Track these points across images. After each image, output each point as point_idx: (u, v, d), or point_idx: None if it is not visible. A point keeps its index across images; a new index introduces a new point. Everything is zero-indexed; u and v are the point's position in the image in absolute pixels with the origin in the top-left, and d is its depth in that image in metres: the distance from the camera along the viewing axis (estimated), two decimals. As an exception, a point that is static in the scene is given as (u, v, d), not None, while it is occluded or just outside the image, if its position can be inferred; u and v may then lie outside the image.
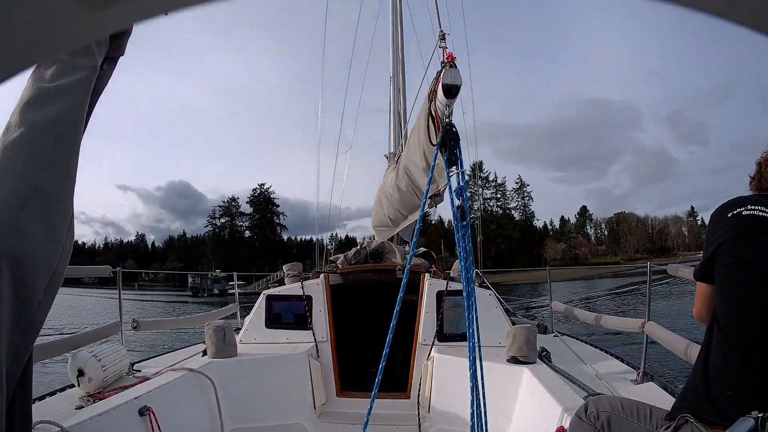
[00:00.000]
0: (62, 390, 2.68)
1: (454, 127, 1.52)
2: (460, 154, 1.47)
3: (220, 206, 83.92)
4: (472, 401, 1.37)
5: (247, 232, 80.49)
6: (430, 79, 1.86)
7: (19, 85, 0.71)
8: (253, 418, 2.62)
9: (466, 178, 1.46)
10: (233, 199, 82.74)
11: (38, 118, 0.68)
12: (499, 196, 76.04)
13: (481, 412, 1.39)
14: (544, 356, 2.75)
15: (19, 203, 0.62)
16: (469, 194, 1.45)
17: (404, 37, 5.90)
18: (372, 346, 1.94)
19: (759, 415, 0.96)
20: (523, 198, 75.73)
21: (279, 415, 2.70)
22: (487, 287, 3.78)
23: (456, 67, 1.60)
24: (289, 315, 3.26)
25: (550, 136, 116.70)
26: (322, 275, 3.36)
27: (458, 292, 2.93)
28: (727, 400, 1.08)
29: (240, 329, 3.51)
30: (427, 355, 2.92)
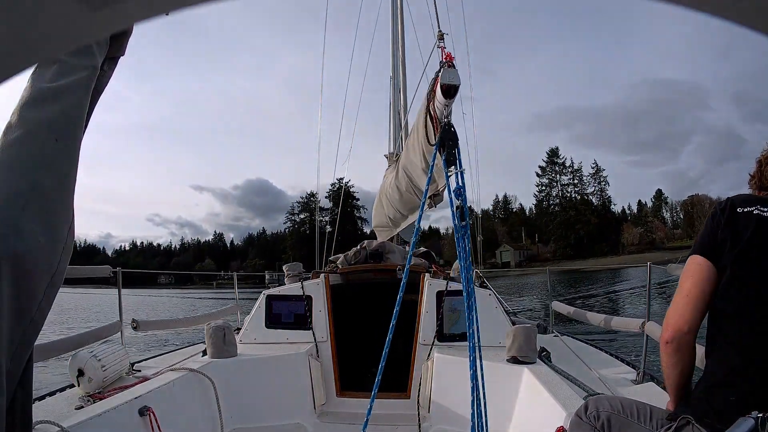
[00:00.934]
0: (62, 390, 2.68)
1: (453, 127, 1.52)
2: (459, 154, 1.47)
3: (299, 202, 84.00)
4: (473, 401, 1.37)
5: (328, 227, 79.95)
6: (429, 79, 1.86)
7: (19, 85, 0.71)
8: (253, 418, 2.62)
9: (465, 177, 1.46)
10: (312, 195, 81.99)
11: (38, 118, 0.68)
12: (576, 181, 74.53)
13: (481, 412, 1.39)
14: (544, 356, 2.75)
15: (19, 203, 0.62)
16: (470, 194, 1.44)
17: (404, 37, 5.90)
18: (372, 346, 1.94)
19: (759, 415, 0.96)
20: (599, 183, 74.13)
21: (279, 415, 2.70)
22: (487, 287, 3.78)
23: (454, 67, 1.60)
24: (289, 315, 3.26)
25: (623, 118, 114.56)
26: (322, 275, 3.36)
27: (458, 292, 2.93)
28: (728, 400, 1.08)
29: (240, 329, 3.51)
30: (427, 355, 2.92)
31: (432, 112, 1.74)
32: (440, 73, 1.60)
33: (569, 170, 74.92)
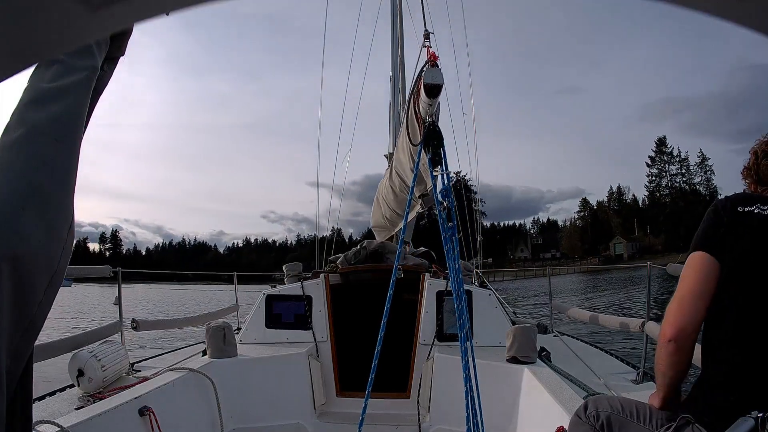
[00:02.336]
0: (62, 390, 2.68)
1: (437, 126, 1.50)
2: (444, 154, 1.44)
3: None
4: (467, 404, 1.37)
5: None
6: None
7: (19, 85, 0.71)
8: (253, 418, 2.62)
9: (452, 178, 1.44)
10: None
11: (38, 119, 0.68)
12: (683, 171, 72.98)
13: (476, 411, 1.39)
14: (544, 356, 2.75)
15: (19, 203, 0.62)
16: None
17: (404, 37, 5.90)
18: (372, 346, 1.94)
19: (759, 415, 0.96)
20: (705, 172, 72.42)
21: (279, 415, 2.70)
22: (487, 287, 3.78)
23: (438, 66, 1.58)
24: (289, 315, 3.26)
25: (725, 106, 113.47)
26: (322, 275, 3.36)
27: None
28: (728, 400, 1.08)
29: (240, 329, 3.51)
30: (427, 355, 2.92)
31: (416, 112, 1.72)
32: (423, 73, 1.58)
33: (677, 160, 73.57)
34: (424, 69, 1.58)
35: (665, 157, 73.18)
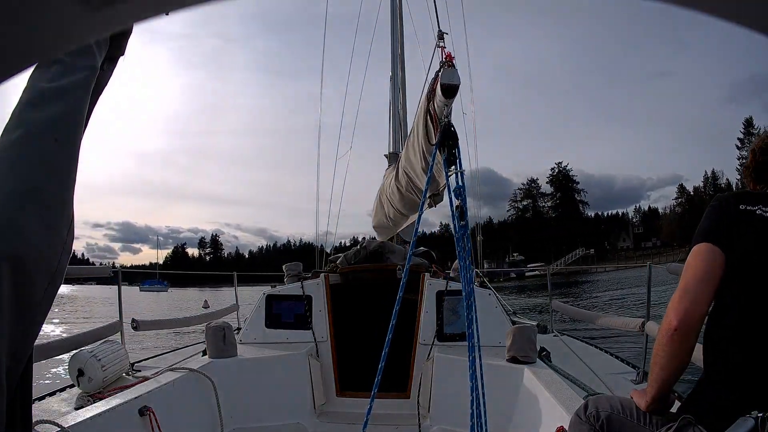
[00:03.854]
0: (62, 390, 2.69)
1: (453, 126, 1.52)
2: (459, 153, 1.47)
3: (520, 189, 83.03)
4: (472, 401, 1.37)
5: (551, 212, 79.23)
6: (430, 79, 1.86)
7: (19, 85, 0.71)
8: (253, 418, 2.62)
9: (465, 177, 1.46)
10: (533, 181, 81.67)
11: (38, 119, 0.68)
12: None
13: (481, 411, 1.39)
14: (544, 356, 2.75)
15: (19, 204, 0.62)
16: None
17: (404, 37, 5.90)
18: (372, 346, 1.94)
19: (759, 415, 0.96)
20: None
21: (279, 415, 2.70)
22: (486, 287, 3.78)
23: (454, 67, 1.60)
24: (289, 315, 3.26)
25: None
26: (322, 275, 3.36)
27: (458, 292, 2.93)
28: (728, 399, 1.08)
29: (240, 329, 3.51)
30: (427, 355, 2.92)
31: (432, 112, 1.74)
32: (440, 73, 1.60)
33: (765, 141, 73.50)
34: (441, 69, 1.59)
35: (753, 138, 72.43)
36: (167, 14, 0.25)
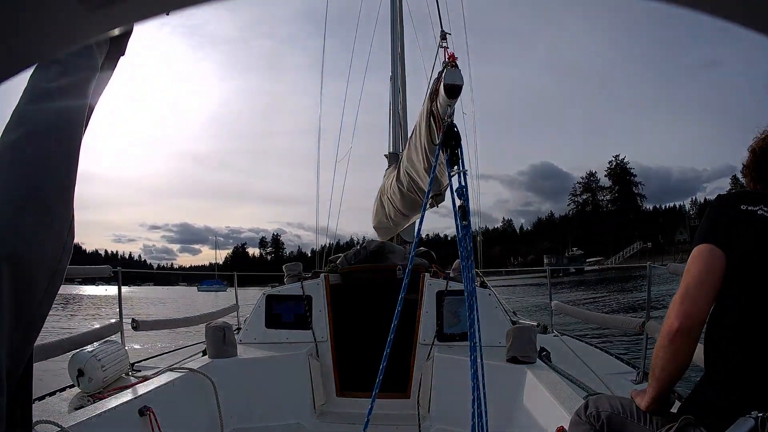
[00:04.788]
0: (62, 390, 2.69)
1: (456, 127, 1.53)
2: (462, 154, 1.48)
3: (579, 182, 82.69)
4: (473, 401, 1.38)
5: (610, 205, 78.58)
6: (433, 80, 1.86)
7: (19, 85, 0.71)
8: (253, 418, 2.62)
9: (467, 177, 1.46)
10: (592, 174, 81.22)
11: (38, 119, 0.68)
12: None
13: (482, 412, 1.39)
14: (544, 356, 2.75)
15: (19, 204, 0.62)
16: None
17: (404, 37, 5.89)
18: (372, 346, 1.94)
19: (759, 415, 0.96)
20: None
21: (279, 415, 2.70)
22: (486, 287, 3.78)
23: (458, 67, 1.61)
24: (289, 315, 3.26)
25: None
26: (322, 275, 3.36)
27: (458, 292, 2.93)
28: (729, 399, 1.08)
29: (240, 329, 3.51)
30: (427, 355, 2.92)
31: (435, 112, 1.74)
32: (444, 73, 1.60)
33: None
34: (445, 70, 1.59)
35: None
36: (167, 14, 0.25)
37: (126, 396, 1.98)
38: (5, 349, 0.58)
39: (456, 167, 1.45)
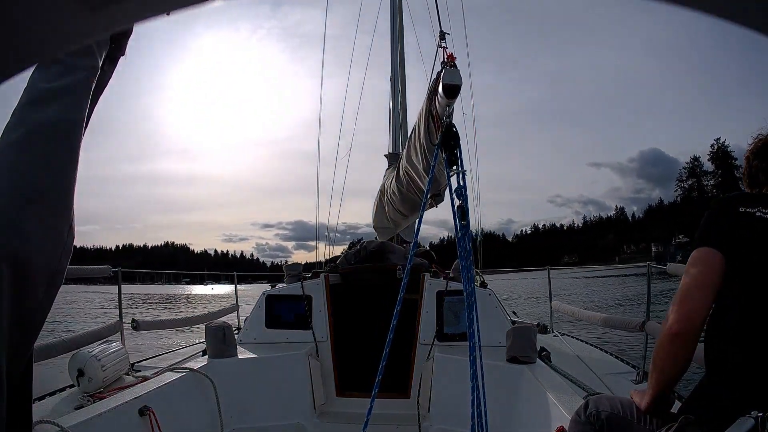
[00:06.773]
0: (62, 390, 2.69)
1: (455, 127, 1.53)
2: (461, 153, 1.48)
3: (684, 168, 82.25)
4: (473, 401, 1.38)
5: (715, 190, 77.34)
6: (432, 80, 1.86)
7: (19, 85, 0.71)
8: (253, 418, 2.62)
9: (466, 177, 1.46)
10: (695, 159, 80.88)
11: (38, 118, 0.68)
12: None
13: (481, 411, 1.39)
14: (544, 356, 2.75)
15: (19, 204, 0.62)
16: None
17: (404, 37, 5.89)
18: (372, 346, 1.94)
19: (759, 415, 0.96)
20: None
21: (279, 415, 2.70)
22: (487, 287, 3.78)
23: (456, 67, 1.61)
24: (289, 315, 3.26)
25: None
26: (322, 275, 3.36)
27: (458, 292, 2.93)
28: (729, 399, 1.08)
29: (240, 329, 3.51)
30: (427, 355, 2.92)
31: (434, 112, 1.74)
32: (442, 73, 1.60)
33: None
34: (443, 70, 1.59)
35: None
36: (167, 14, 0.25)
37: (126, 396, 1.98)
38: (5, 349, 0.58)
39: (455, 167, 1.45)
